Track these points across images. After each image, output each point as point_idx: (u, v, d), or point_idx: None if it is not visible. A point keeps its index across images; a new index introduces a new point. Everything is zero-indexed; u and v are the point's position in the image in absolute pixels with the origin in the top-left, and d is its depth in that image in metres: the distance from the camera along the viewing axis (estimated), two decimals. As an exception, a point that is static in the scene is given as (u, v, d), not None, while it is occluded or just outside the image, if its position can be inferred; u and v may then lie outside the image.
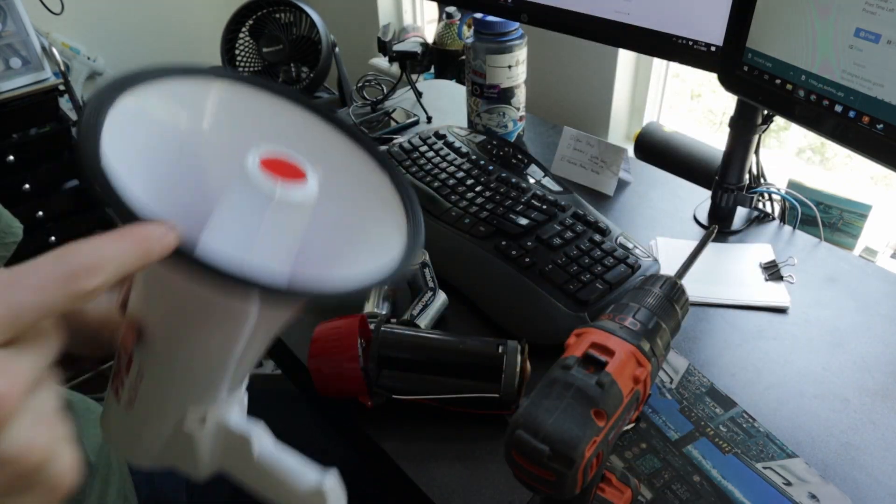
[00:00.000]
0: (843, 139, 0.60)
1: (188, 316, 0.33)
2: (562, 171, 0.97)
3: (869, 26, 0.55)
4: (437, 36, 1.48)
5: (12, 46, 1.52)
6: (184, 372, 0.37)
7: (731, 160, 0.82)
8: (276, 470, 0.39)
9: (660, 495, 0.54)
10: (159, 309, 0.35)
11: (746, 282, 0.75)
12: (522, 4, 0.90)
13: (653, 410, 0.61)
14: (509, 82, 0.98)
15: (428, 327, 0.68)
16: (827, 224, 0.91)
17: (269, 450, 0.39)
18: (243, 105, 0.36)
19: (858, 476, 0.55)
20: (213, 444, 0.39)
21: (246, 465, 0.39)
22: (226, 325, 0.33)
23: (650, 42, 0.79)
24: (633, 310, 0.41)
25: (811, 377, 0.64)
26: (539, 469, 0.34)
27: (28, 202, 1.63)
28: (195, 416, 0.38)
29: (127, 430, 0.41)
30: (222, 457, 0.40)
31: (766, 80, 0.66)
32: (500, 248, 0.75)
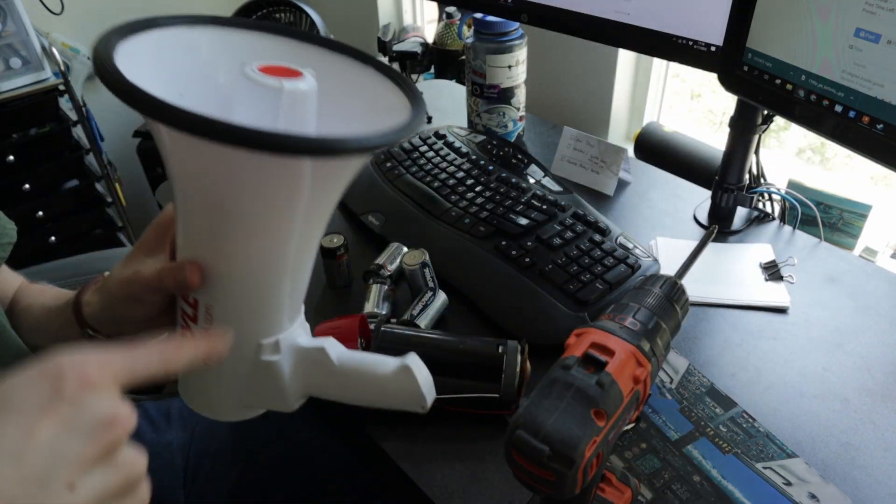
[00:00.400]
0: (843, 139, 0.60)
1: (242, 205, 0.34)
2: (562, 171, 0.97)
3: (869, 26, 0.55)
4: (437, 36, 1.48)
5: (12, 46, 1.52)
6: (249, 290, 0.38)
7: (731, 160, 0.82)
8: (359, 367, 0.41)
9: (660, 495, 0.54)
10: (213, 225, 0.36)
11: (746, 282, 0.75)
12: (522, 4, 0.90)
13: (653, 410, 0.61)
14: (509, 82, 0.98)
15: (428, 327, 0.68)
16: (827, 224, 0.91)
17: (346, 353, 0.41)
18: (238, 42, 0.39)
19: (858, 476, 0.55)
20: (293, 367, 0.41)
21: (330, 373, 0.41)
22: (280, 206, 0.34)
23: (650, 42, 0.79)
24: (633, 310, 0.41)
25: (811, 377, 0.64)
26: (539, 469, 0.34)
27: (28, 202, 1.63)
28: (269, 345, 0.40)
29: (209, 386, 0.42)
30: (305, 375, 0.41)
31: (766, 80, 0.66)
32: (500, 248, 0.75)
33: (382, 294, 0.72)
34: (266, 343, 0.40)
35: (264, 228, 0.35)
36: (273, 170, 0.32)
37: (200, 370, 0.40)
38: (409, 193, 0.87)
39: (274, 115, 0.34)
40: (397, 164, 0.92)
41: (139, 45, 0.34)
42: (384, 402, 0.41)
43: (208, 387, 0.42)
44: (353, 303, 0.75)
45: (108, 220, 1.79)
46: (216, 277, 0.37)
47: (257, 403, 0.43)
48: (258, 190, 0.33)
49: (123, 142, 1.95)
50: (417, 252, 0.71)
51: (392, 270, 0.74)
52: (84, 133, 1.68)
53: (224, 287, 0.38)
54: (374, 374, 0.40)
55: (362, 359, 0.41)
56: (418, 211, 0.84)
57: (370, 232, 0.84)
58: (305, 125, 0.36)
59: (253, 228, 0.35)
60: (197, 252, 0.38)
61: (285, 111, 0.34)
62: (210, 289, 0.38)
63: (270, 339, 0.40)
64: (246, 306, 0.39)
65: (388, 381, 0.40)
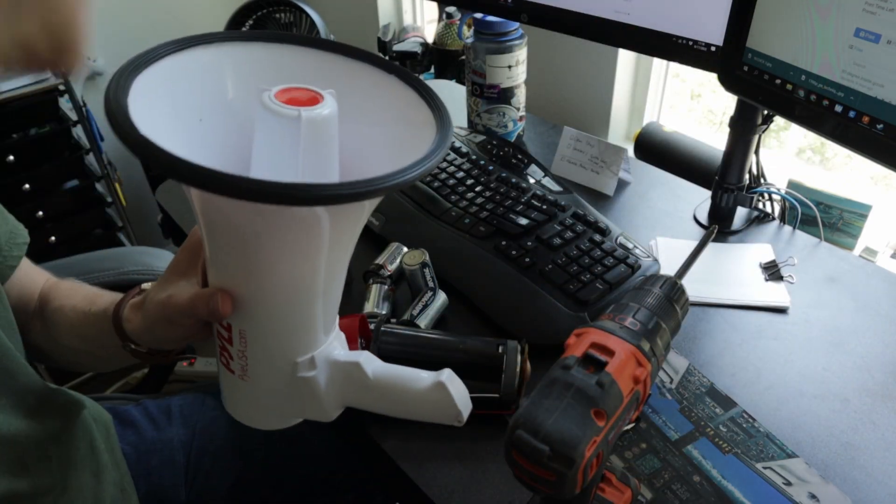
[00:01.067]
0: (843, 139, 0.60)
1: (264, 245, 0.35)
2: (562, 171, 0.97)
3: (869, 26, 0.55)
4: (437, 36, 1.48)
5: (12, 46, 1.51)
6: (280, 316, 0.39)
7: (731, 160, 0.82)
8: (394, 381, 0.42)
9: (660, 495, 0.54)
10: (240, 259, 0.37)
11: (746, 282, 0.75)
12: (522, 4, 0.90)
13: (653, 410, 0.61)
14: (509, 82, 0.98)
15: (428, 327, 0.68)
16: (827, 224, 0.91)
17: (381, 367, 0.42)
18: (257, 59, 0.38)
19: (858, 476, 0.55)
20: (330, 380, 0.42)
21: (366, 386, 0.41)
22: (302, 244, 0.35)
23: (650, 42, 0.79)
24: (633, 310, 0.41)
25: (811, 377, 0.64)
26: (539, 469, 0.34)
27: (28, 202, 1.63)
28: (305, 362, 0.41)
29: (251, 400, 0.43)
30: (342, 388, 0.42)
31: (766, 80, 0.66)
32: (500, 248, 0.75)
33: (382, 294, 0.72)
34: (301, 361, 0.41)
35: (290, 263, 0.36)
36: (290, 216, 0.33)
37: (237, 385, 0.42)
38: (409, 193, 0.87)
39: (294, 141, 0.34)
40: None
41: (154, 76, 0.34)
42: (420, 416, 0.42)
43: (248, 401, 0.44)
44: (353, 303, 0.75)
45: (108, 220, 1.79)
46: (247, 305, 0.38)
47: (296, 414, 0.44)
48: (278, 232, 0.34)
49: (123, 142, 1.94)
50: (417, 252, 0.71)
51: (392, 270, 0.74)
52: (84, 133, 1.68)
53: (255, 314, 0.39)
54: (409, 388, 0.41)
55: (398, 373, 0.42)
56: (418, 211, 0.84)
57: (370, 232, 0.84)
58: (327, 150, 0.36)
59: (279, 264, 0.36)
60: (226, 281, 0.38)
61: (306, 138, 0.34)
62: (242, 315, 0.39)
63: (306, 357, 0.41)
64: (279, 330, 0.40)
65: (424, 395, 0.41)
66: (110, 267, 0.97)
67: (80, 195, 1.72)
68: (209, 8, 2.10)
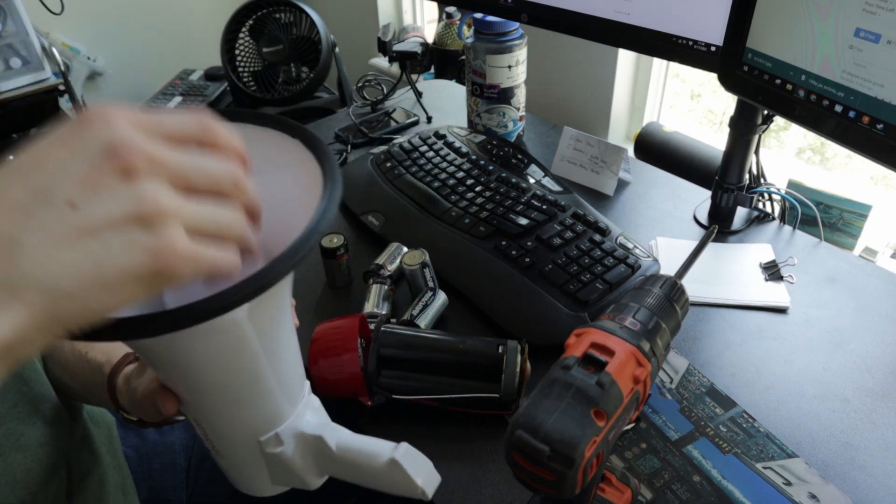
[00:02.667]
0: (843, 139, 0.60)
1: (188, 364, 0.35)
2: (562, 171, 0.97)
3: (869, 26, 0.55)
4: (437, 36, 1.48)
5: (12, 46, 1.52)
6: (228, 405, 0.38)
7: (731, 160, 0.82)
8: (356, 455, 0.41)
9: (660, 495, 0.54)
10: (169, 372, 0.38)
11: (746, 282, 0.75)
12: (522, 4, 0.90)
13: (653, 410, 0.61)
14: (509, 82, 0.98)
15: (428, 327, 0.68)
16: (827, 224, 0.91)
17: (346, 439, 0.41)
18: None
19: (858, 476, 0.55)
20: (300, 453, 0.41)
21: (332, 459, 0.41)
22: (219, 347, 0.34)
23: (650, 42, 0.79)
24: (633, 310, 0.41)
25: (811, 377, 0.64)
26: (539, 469, 0.34)
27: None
28: (270, 440, 0.40)
29: (235, 473, 0.44)
30: (313, 460, 0.42)
31: (766, 80, 0.66)
32: (500, 248, 0.75)
33: (382, 294, 0.72)
34: (265, 439, 0.40)
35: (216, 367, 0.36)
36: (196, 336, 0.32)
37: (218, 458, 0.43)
38: (409, 193, 0.87)
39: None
40: (397, 164, 0.92)
41: None
42: (385, 488, 0.41)
43: (232, 472, 0.44)
44: (353, 303, 0.75)
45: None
46: (191, 401, 0.39)
47: (282, 483, 0.44)
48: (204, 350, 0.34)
49: (123, 142, 1.94)
50: (417, 252, 0.71)
51: (392, 270, 0.74)
52: (84, 133, 1.68)
53: (201, 408, 0.39)
54: (369, 464, 0.40)
55: (360, 446, 0.41)
56: (418, 211, 0.84)
57: (370, 232, 0.84)
58: None
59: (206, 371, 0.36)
60: (167, 382, 0.40)
61: None
62: (190, 408, 0.40)
63: (269, 434, 0.40)
64: (231, 416, 0.39)
65: (382, 472, 0.40)
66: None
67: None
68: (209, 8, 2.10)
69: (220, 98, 1.85)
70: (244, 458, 0.41)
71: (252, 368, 0.36)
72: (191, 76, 1.96)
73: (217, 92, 1.86)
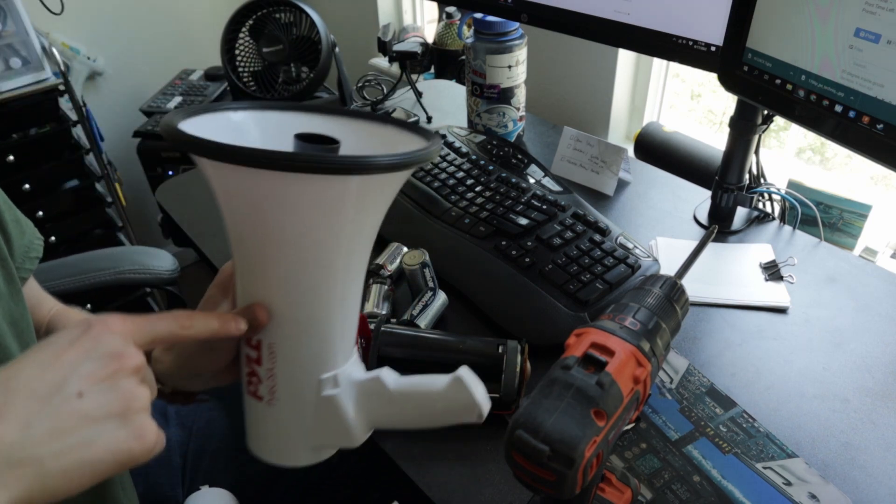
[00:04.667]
0: (843, 139, 0.60)
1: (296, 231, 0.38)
2: (562, 171, 0.97)
3: (869, 26, 0.55)
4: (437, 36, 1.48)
5: (12, 46, 1.51)
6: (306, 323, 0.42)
7: (731, 160, 0.82)
8: (413, 388, 0.44)
9: (660, 495, 0.54)
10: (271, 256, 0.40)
11: (746, 282, 0.75)
12: (522, 4, 0.90)
13: (653, 410, 0.61)
14: (509, 82, 0.98)
15: (428, 327, 0.68)
16: (827, 224, 0.91)
17: (400, 378, 0.44)
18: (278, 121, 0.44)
19: (858, 476, 0.55)
20: (353, 400, 0.44)
21: (388, 400, 0.44)
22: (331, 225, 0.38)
23: (650, 42, 0.79)
24: (633, 310, 0.41)
25: (811, 377, 0.64)
26: (539, 469, 0.34)
27: (28, 202, 1.62)
28: (329, 379, 0.43)
29: (279, 430, 0.45)
30: (366, 407, 0.44)
31: (766, 80, 0.66)
32: (500, 248, 0.75)
33: (382, 294, 0.72)
34: (326, 378, 0.43)
35: (314, 257, 0.39)
36: (322, 194, 0.36)
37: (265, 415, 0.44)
38: (409, 193, 0.87)
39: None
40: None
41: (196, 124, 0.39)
42: (442, 418, 0.44)
43: (277, 432, 0.45)
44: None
45: (108, 220, 1.79)
46: (278, 315, 0.41)
47: (324, 442, 0.45)
48: (307, 215, 0.37)
49: (123, 142, 1.95)
50: (417, 252, 0.71)
51: (392, 270, 0.74)
52: (84, 133, 1.68)
53: (283, 322, 0.42)
54: (428, 391, 0.43)
55: (416, 380, 0.44)
56: (418, 211, 0.84)
57: (370, 232, 0.84)
58: None
59: (304, 258, 0.39)
60: (258, 295, 0.42)
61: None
62: (272, 327, 0.42)
63: (329, 374, 0.43)
64: (305, 340, 0.42)
65: (443, 395, 0.43)
66: (107, 266, 0.97)
67: (80, 195, 1.72)
68: (209, 8, 2.10)
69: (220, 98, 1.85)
70: (299, 403, 0.43)
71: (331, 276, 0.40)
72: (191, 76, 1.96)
73: (217, 92, 1.85)
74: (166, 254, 1.02)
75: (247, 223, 0.39)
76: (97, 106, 1.83)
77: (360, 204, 0.38)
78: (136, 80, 2.01)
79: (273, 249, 0.39)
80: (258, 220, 0.38)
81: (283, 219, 0.37)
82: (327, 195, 0.36)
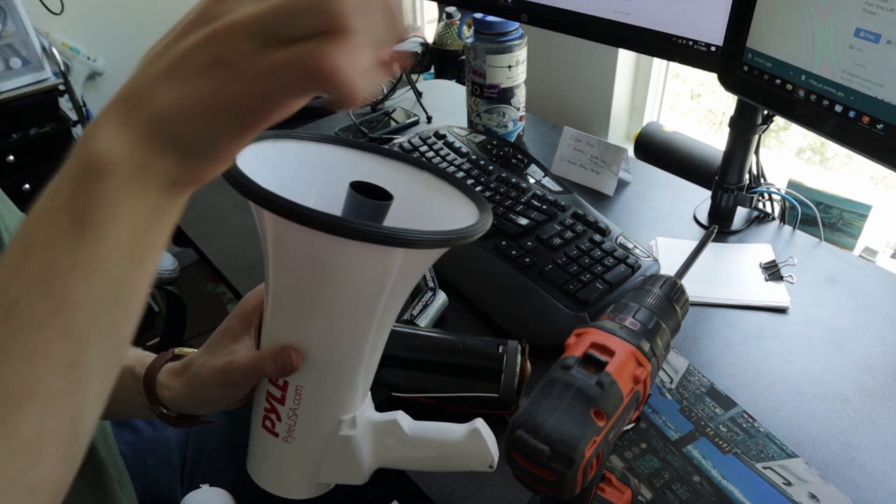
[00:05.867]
0: (843, 139, 0.60)
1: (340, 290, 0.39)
2: (562, 171, 0.97)
3: (869, 26, 0.55)
4: (437, 36, 1.48)
5: (12, 46, 1.52)
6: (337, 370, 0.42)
7: (731, 160, 0.82)
8: (429, 434, 0.45)
9: (660, 495, 0.54)
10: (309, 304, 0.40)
11: (746, 282, 0.75)
12: (522, 4, 0.90)
13: (653, 410, 0.61)
14: (509, 82, 0.98)
15: (428, 327, 0.68)
16: (827, 224, 0.91)
17: (416, 423, 0.45)
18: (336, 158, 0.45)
19: (858, 476, 0.55)
20: (368, 440, 0.45)
21: (402, 442, 0.45)
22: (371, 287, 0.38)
23: (650, 42, 0.79)
24: (633, 310, 0.41)
25: (811, 377, 0.64)
26: (539, 469, 0.34)
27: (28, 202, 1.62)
28: (348, 420, 0.44)
29: (289, 465, 0.46)
30: (379, 446, 0.45)
31: (766, 80, 0.66)
32: (500, 248, 0.75)
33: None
34: (346, 419, 0.44)
35: (355, 312, 0.40)
36: (374, 259, 0.37)
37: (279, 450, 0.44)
38: (409, 193, 0.86)
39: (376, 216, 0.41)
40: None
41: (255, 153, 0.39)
42: (453, 464, 0.45)
43: (287, 467, 0.46)
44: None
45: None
46: (311, 360, 0.42)
47: (331, 478, 0.46)
48: (357, 276, 0.38)
49: (123, 142, 1.94)
50: (417, 252, 0.71)
51: (392, 270, 0.74)
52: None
53: (316, 368, 0.42)
54: (444, 439, 0.44)
55: (431, 426, 0.45)
56: (418, 211, 0.84)
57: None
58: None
59: (346, 312, 0.40)
60: (293, 338, 0.42)
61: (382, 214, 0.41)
62: (303, 371, 0.42)
63: (349, 416, 0.44)
64: (332, 385, 0.43)
65: (458, 444, 0.44)
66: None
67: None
68: (209, 8, 2.10)
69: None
70: (315, 442, 0.44)
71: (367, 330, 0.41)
72: (191, 76, 1.96)
73: (217, 92, 1.86)
74: (166, 253, 1.02)
75: (294, 274, 0.40)
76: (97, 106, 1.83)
77: (406, 268, 0.39)
78: (136, 80, 2.02)
79: (316, 301, 0.40)
80: (307, 274, 0.39)
81: (333, 277, 0.38)
82: (378, 261, 0.37)
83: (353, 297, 0.39)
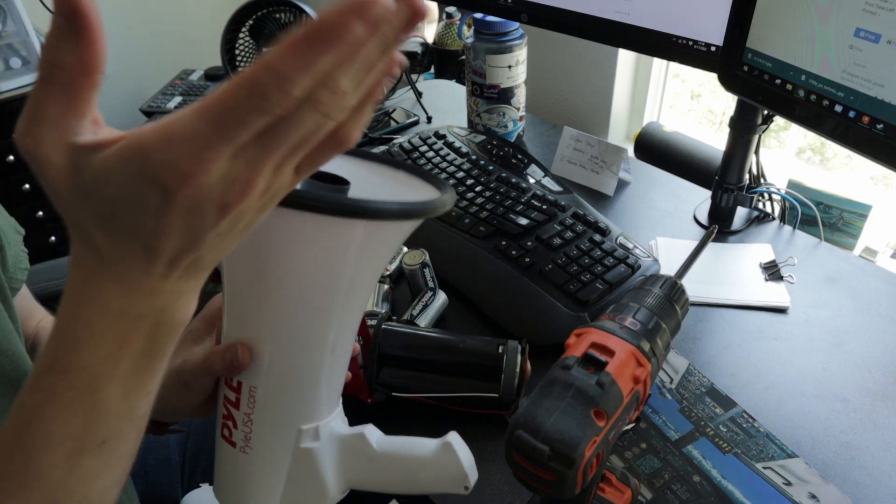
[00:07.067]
0: (843, 139, 0.60)
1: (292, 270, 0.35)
2: (562, 171, 0.97)
3: (869, 26, 0.55)
4: (437, 36, 1.48)
5: (12, 46, 1.51)
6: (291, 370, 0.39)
7: (731, 160, 0.82)
8: (398, 449, 0.41)
9: (660, 495, 0.54)
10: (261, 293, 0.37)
11: (746, 282, 0.75)
12: (522, 4, 0.90)
13: (653, 410, 0.61)
14: (509, 82, 0.98)
15: (428, 327, 0.68)
16: (827, 224, 0.91)
17: (385, 437, 0.42)
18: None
19: (858, 476, 0.55)
20: (332, 455, 0.41)
21: (370, 459, 0.41)
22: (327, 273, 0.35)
23: (650, 42, 0.79)
24: (633, 310, 0.41)
25: (811, 377, 0.64)
26: (539, 469, 0.34)
27: (28, 202, 1.62)
28: (309, 430, 0.40)
29: (248, 480, 0.42)
30: (345, 464, 0.41)
31: (766, 80, 0.66)
32: (500, 248, 0.75)
33: (382, 294, 0.71)
34: (306, 429, 0.40)
35: (307, 304, 0.37)
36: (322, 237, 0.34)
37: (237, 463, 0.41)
38: (409, 193, 0.86)
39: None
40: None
41: None
42: (425, 485, 0.41)
43: (247, 483, 0.42)
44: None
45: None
46: (261, 357, 0.39)
47: (295, 499, 0.42)
48: (304, 259, 0.35)
49: (123, 142, 1.95)
50: (417, 252, 0.71)
51: (392, 270, 0.74)
52: (84, 133, 1.68)
53: (268, 367, 0.39)
54: (414, 455, 0.41)
55: (401, 441, 0.42)
56: (418, 211, 0.84)
57: (370, 232, 0.84)
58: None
59: (298, 304, 0.37)
60: (243, 332, 0.39)
61: None
62: (254, 369, 0.39)
63: (311, 425, 0.40)
64: (288, 388, 0.40)
65: (429, 461, 0.40)
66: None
67: (79, 195, 1.72)
68: (209, 8, 2.10)
69: (220, 98, 1.85)
70: (274, 453, 0.41)
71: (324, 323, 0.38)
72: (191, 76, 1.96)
73: (217, 92, 1.86)
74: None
75: (242, 256, 0.37)
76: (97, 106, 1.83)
77: (363, 251, 0.36)
78: (136, 80, 2.02)
79: (265, 287, 0.37)
80: (254, 255, 0.36)
81: (281, 257, 0.35)
82: (331, 237, 0.34)
83: (303, 282, 0.36)
